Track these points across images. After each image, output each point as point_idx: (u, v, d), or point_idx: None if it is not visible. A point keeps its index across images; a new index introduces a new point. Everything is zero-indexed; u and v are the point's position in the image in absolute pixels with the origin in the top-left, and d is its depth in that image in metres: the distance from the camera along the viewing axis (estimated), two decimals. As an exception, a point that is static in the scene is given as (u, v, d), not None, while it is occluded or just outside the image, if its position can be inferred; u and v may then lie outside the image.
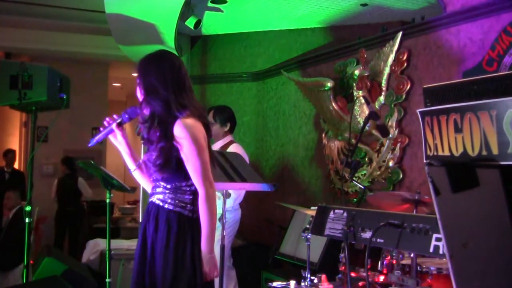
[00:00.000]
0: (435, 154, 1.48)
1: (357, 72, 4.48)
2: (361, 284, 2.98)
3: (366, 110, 4.33)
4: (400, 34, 4.26)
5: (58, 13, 7.07)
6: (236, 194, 4.17)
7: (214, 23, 6.01)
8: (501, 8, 3.56)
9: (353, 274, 2.90)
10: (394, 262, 2.72)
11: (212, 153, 2.61)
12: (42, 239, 7.82)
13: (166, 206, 2.43)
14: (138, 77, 2.54)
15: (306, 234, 3.52)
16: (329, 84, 4.78)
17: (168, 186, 2.44)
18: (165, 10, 5.10)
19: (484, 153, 1.33)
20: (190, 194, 2.44)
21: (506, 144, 1.28)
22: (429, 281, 2.55)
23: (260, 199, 5.67)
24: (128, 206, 9.69)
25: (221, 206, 4.15)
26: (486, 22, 3.68)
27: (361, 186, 4.20)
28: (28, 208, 3.92)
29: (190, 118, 2.43)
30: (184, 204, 2.43)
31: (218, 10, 5.41)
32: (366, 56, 4.61)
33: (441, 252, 2.04)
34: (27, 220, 3.91)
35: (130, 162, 2.65)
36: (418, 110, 1.54)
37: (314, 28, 5.62)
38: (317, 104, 5.04)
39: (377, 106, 4.39)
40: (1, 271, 5.60)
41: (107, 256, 4.20)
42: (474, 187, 1.34)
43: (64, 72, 4.29)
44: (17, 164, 8.97)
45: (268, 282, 3.98)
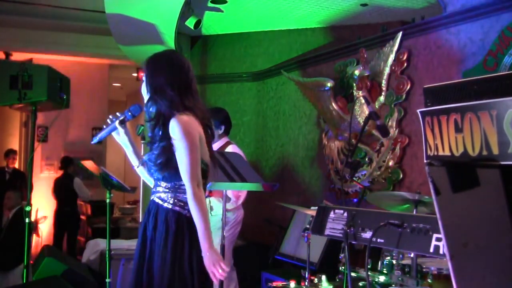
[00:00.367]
0: (436, 154, 1.48)
1: (357, 72, 4.48)
2: (361, 284, 2.99)
3: (366, 110, 4.33)
4: (400, 34, 4.26)
5: (58, 13, 7.08)
6: (233, 197, 4.16)
7: (214, 23, 6.02)
8: (501, 8, 3.57)
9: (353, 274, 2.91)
10: (394, 262, 2.73)
11: (213, 153, 2.60)
12: (41, 239, 7.84)
13: (165, 205, 2.44)
14: (146, 75, 2.53)
15: (306, 234, 3.52)
16: (329, 84, 4.78)
17: (168, 185, 2.45)
18: (165, 10, 5.10)
19: (484, 153, 1.33)
20: (189, 193, 2.44)
21: (507, 144, 1.28)
22: (429, 281, 2.55)
23: (260, 199, 5.66)
24: (128, 206, 9.69)
25: (220, 207, 4.16)
26: (486, 22, 3.68)
27: (361, 186, 4.21)
28: (28, 208, 3.92)
29: (186, 115, 2.42)
30: (183, 203, 2.43)
31: (218, 10, 5.41)
32: (366, 56, 4.61)
33: (441, 252, 2.04)
34: (27, 220, 3.91)
35: (133, 159, 2.66)
36: (418, 110, 1.54)
37: (314, 28, 5.62)
38: (317, 104, 5.04)
39: (377, 106, 4.39)
40: (1, 271, 5.60)
41: (107, 256, 4.20)
42: (474, 187, 1.34)
43: (64, 72, 4.29)
44: (17, 164, 8.96)
45: (268, 282, 3.99)
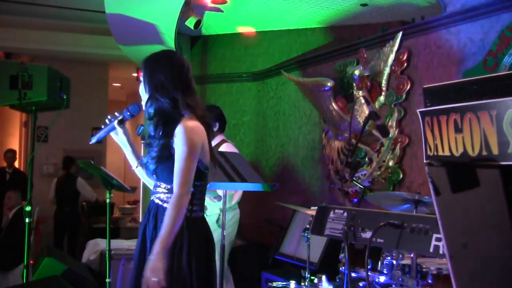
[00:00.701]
0: (435, 154, 1.48)
1: (357, 72, 4.48)
2: (361, 284, 2.99)
3: (366, 110, 4.33)
4: (400, 34, 4.26)
5: (58, 13, 7.08)
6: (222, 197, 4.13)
7: (214, 23, 6.01)
8: (501, 8, 3.57)
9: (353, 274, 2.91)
10: (394, 262, 2.73)
11: (213, 154, 2.61)
12: (41, 239, 7.83)
13: (165, 205, 2.44)
14: (145, 73, 2.52)
15: (306, 234, 3.53)
16: (329, 84, 4.78)
17: (168, 186, 2.45)
18: (165, 10, 5.10)
19: (484, 153, 1.33)
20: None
21: (506, 144, 1.28)
22: (429, 281, 2.55)
23: (260, 199, 5.66)
24: (128, 206, 9.70)
25: (217, 206, 4.16)
26: (486, 22, 3.68)
27: (361, 186, 4.21)
28: (28, 208, 3.92)
29: (193, 120, 2.43)
30: (182, 204, 2.43)
31: (218, 10, 5.41)
32: (366, 56, 4.61)
33: (441, 252, 2.04)
34: (27, 220, 3.91)
35: (132, 159, 2.66)
36: (418, 110, 1.53)
37: (314, 28, 5.62)
38: (317, 104, 5.04)
39: (377, 106, 4.39)
40: (1, 271, 5.60)
41: (107, 256, 4.20)
42: (474, 187, 1.34)
43: (64, 72, 4.29)
44: (17, 164, 8.97)
45: (268, 282, 3.99)
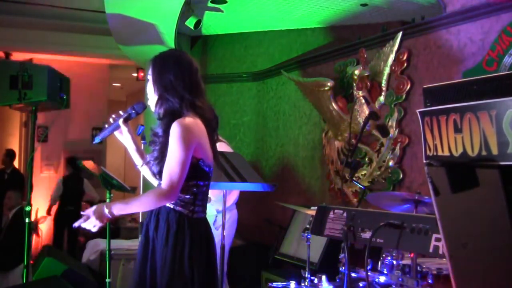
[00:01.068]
0: (435, 154, 1.48)
1: (357, 72, 4.48)
2: (361, 284, 2.99)
3: (366, 110, 4.33)
4: (400, 34, 4.26)
5: (58, 13, 7.08)
6: (213, 197, 4.11)
7: (214, 23, 6.01)
8: (501, 8, 3.57)
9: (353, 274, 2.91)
10: (394, 262, 2.73)
11: (216, 155, 2.59)
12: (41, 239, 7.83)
13: (167, 204, 2.44)
14: (154, 73, 2.50)
15: (306, 234, 3.52)
16: (329, 84, 4.78)
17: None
18: (165, 10, 5.10)
19: (483, 153, 1.33)
20: (191, 194, 2.44)
21: (506, 144, 1.28)
22: (429, 281, 2.55)
23: (260, 199, 5.66)
24: (128, 206, 9.67)
25: (214, 208, 4.16)
26: (486, 22, 3.68)
27: (361, 186, 4.21)
28: (28, 208, 3.92)
29: (190, 118, 2.42)
30: (184, 203, 2.43)
31: (218, 10, 5.41)
32: (366, 56, 4.61)
33: (441, 252, 2.04)
34: (27, 220, 3.91)
35: (137, 158, 2.65)
36: (417, 110, 1.53)
37: (314, 28, 5.62)
38: (317, 104, 5.04)
39: (377, 106, 4.39)
40: (1, 271, 5.60)
41: (107, 256, 4.20)
42: (474, 187, 1.34)
43: (64, 72, 4.29)
44: (17, 164, 8.96)
45: (268, 282, 3.99)
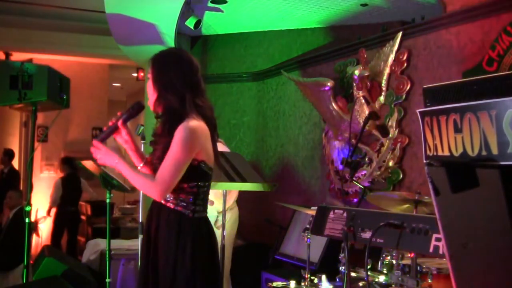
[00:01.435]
0: (435, 154, 1.48)
1: (357, 72, 4.48)
2: (361, 284, 2.99)
3: (366, 110, 4.33)
4: (400, 34, 4.26)
5: (58, 13, 7.08)
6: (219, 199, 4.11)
7: (214, 23, 6.02)
8: (501, 8, 3.57)
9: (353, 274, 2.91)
10: (394, 262, 2.73)
11: (217, 155, 2.59)
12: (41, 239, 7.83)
13: (168, 205, 2.44)
14: (153, 72, 2.49)
15: (306, 234, 3.52)
16: (329, 84, 4.78)
17: (172, 186, 2.44)
18: (165, 10, 5.10)
19: (484, 153, 1.33)
20: (192, 194, 2.44)
21: (506, 144, 1.28)
22: (429, 281, 2.56)
23: (260, 199, 5.66)
24: (128, 206, 9.68)
25: (214, 208, 4.16)
26: (486, 22, 3.68)
27: (361, 186, 4.21)
28: (28, 208, 3.91)
29: (196, 121, 2.42)
30: (185, 203, 2.43)
31: (218, 10, 5.41)
32: (366, 56, 4.61)
33: (441, 252, 2.04)
34: (27, 220, 3.91)
35: (136, 159, 2.65)
36: (417, 110, 1.53)
37: (314, 28, 5.62)
38: (317, 104, 5.04)
39: (377, 106, 4.39)
40: (1, 271, 5.61)
41: (107, 256, 4.20)
42: (474, 187, 1.34)
43: (64, 72, 4.29)
44: (16, 164, 8.96)
45: (268, 282, 3.99)
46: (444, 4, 4.08)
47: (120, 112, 2.61)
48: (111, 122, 2.58)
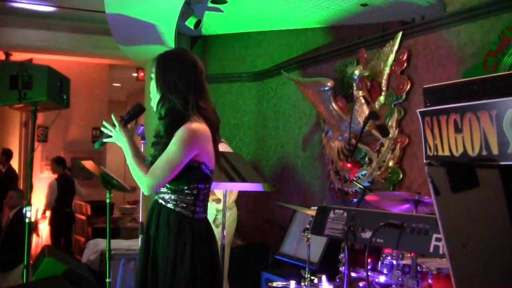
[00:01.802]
0: (435, 154, 1.48)
1: (357, 72, 4.48)
2: (361, 284, 2.99)
3: (366, 110, 4.33)
4: (400, 34, 4.26)
5: (58, 13, 7.08)
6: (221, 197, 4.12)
7: (214, 23, 6.01)
8: (501, 8, 3.57)
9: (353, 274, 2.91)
10: (394, 262, 2.73)
11: (218, 157, 2.59)
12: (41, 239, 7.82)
13: (168, 205, 2.44)
14: (157, 72, 2.49)
15: (306, 234, 3.52)
16: (329, 84, 4.78)
17: (172, 187, 2.44)
18: (165, 10, 5.10)
19: (484, 153, 1.33)
20: (192, 195, 2.45)
21: (506, 144, 1.28)
22: (429, 281, 2.55)
23: (260, 199, 5.66)
24: (128, 206, 9.68)
25: (214, 207, 4.16)
26: (486, 22, 3.68)
27: (361, 186, 4.21)
28: (28, 208, 3.91)
29: (198, 123, 2.42)
30: (185, 204, 2.43)
31: (218, 10, 5.41)
32: (366, 56, 4.61)
33: (441, 252, 2.04)
34: (27, 220, 3.91)
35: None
36: (418, 110, 1.53)
37: (314, 28, 5.62)
38: (317, 104, 5.04)
39: (377, 106, 4.39)
40: (1, 271, 5.61)
41: (107, 256, 4.20)
42: (474, 187, 1.34)
43: (64, 72, 4.29)
44: (16, 164, 8.95)
45: (268, 282, 3.98)
46: (444, 4, 4.08)
47: (115, 114, 2.61)
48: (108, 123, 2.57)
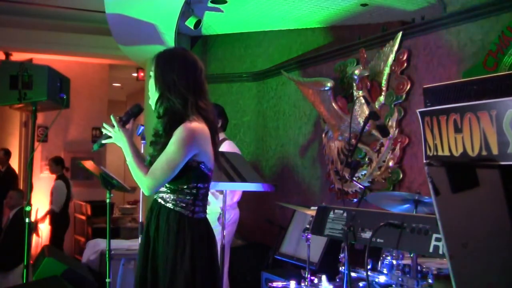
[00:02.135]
0: (435, 154, 1.48)
1: (357, 72, 4.48)
2: (361, 284, 2.99)
3: (366, 110, 4.33)
4: (400, 34, 4.26)
5: (58, 13, 7.08)
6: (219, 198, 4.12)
7: (214, 23, 6.01)
8: (501, 8, 3.57)
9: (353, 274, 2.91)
10: (394, 262, 2.73)
11: (218, 156, 2.59)
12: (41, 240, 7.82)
13: (168, 205, 2.44)
14: (157, 71, 2.49)
15: (306, 234, 3.52)
16: (329, 84, 4.78)
17: (171, 186, 2.44)
18: (165, 10, 5.10)
19: (484, 153, 1.33)
20: (191, 195, 2.45)
21: (506, 144, 1.28)
22: (429, 281, 2.55)
23: (260, 199, 5.66)
24: (128, 206, 9.69)
25: (219, 205, 4.15)
26: (486, 22, 3.68)
27: (361, 186, 4.21)
28: (28, 208, 3.91)
29: (197, 122, 2.41)
30: (185, 204, 2.43)
31: (218, 10, 5.41)
32: (366, 56, 4.61)
33: (441, 252, 2.04)
34: (27, 220, 3.91)
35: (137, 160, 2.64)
36: (418, 110, 1.54)
37: (314, 28, 5.62)
38: (317, 104, 5.04)
39: (377, 106, 4.39)
40: (1, 271, 5.61)
41: (107, 256, 4.20)
42: (474, 187, 1.34)
43: (64, 72, 4.29)
44: (16, 164, 8.95)
45: (268, 282, 3.99)
46: (444, 4, 4.08)
47: (115, 114, 2.61)
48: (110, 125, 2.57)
